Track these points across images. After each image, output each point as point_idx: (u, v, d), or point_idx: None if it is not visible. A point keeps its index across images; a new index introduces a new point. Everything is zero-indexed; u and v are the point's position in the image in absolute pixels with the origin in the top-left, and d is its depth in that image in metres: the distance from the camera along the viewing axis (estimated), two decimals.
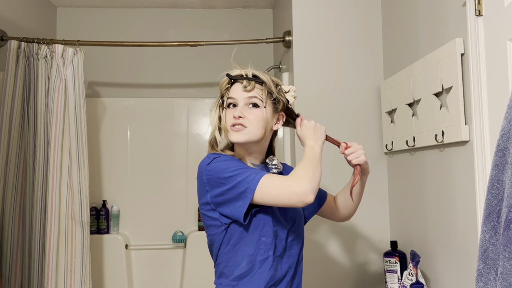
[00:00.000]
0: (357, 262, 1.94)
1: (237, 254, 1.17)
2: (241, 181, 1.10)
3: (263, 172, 1.13)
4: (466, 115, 1.31)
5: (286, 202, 1.07)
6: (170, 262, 2.65)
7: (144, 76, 2.81)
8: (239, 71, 1.23)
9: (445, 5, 1.42)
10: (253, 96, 1.19)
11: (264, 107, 1.19)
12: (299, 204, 1.07)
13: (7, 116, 2.04)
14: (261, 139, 1.21)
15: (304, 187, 1.06)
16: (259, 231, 1.16)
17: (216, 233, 1.19)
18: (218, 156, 1.18)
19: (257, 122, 1.18)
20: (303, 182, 1.07)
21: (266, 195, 1.08)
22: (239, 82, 1.21)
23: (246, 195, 1.09)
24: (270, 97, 1.21)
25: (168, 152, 2.74)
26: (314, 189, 1.07)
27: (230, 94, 1.22)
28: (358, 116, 1.99)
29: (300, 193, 1.06)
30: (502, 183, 0.85)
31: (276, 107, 1.23)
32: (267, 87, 1.21)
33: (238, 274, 1.16)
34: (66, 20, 2.80)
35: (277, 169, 1.27)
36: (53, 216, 2.04)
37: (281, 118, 1.27)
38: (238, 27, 2.87)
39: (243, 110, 1.18)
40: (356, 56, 2.01)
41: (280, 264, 1.20)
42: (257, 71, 1.23)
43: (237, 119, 1.18)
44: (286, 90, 1.26)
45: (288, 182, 1.08)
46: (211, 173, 1.14)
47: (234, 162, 1.16)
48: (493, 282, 0.87)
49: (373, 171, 1.96)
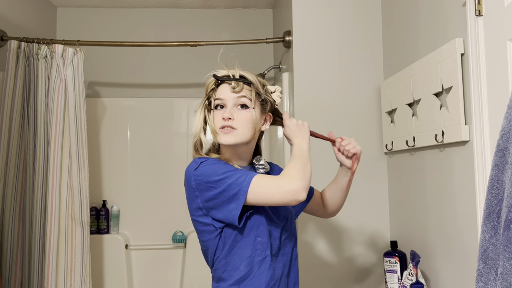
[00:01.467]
0: (357, 262, 1.94)
1: (235, 258, 1.16)
2: (232, 183, 1.09)
3: (253, 173, 1.12)
4: (466, 115, 1.31)
5: (279, 201, 1.08)
6: (170, 262, 2.65)
7: (144, 76, 2.81)
8: (225, 71, 1.21)
9: (445, 5, 1.42)
10: (242, 96, 1.17)
11: (253, 108, 1.18)
12: (292, 202, 1.07)
13: (7, 116, 2.04)
14: (251, 140, 1.20)
15: (297, 185, 1.07)
16: (254, 231, 1.15)
17: (210, 238, 1.17)
18: (205, 160, 1.16)
19: (247, 123, 1.17)
20: (294, 180, 1.07)
21: (259, 196, 1.08)
22: (226, 83, 1.20)
23: (238, 197, 1.08)
24: (258, 98, 1.20)
25: (168, 152, 2.74)
26: (306, 187, 1.08)
27: (218, 95, 1.20)
28: (358, 116, 1.99)
29: (293, 191, 1.06)
30: (502, 183, 0.85)
31: (264, 108, 1.23)
32: (255, 87, 1.19)
33: (237, 278, 1.15)
34: (66, 20, 2.80)
35: (264, 169, 1.26)
36: (53, 216, 2.04)
37: (268, 118, 1.26)
38: (238, 27, 2.87)
39: (232, 112, 1.17)
40: (356, 56, 2.01)
41: (277, 263, 1.20)
42: (244, 71, 1.21)
43: (227, 120, 1.16)
44: (272, 90, 1.25)
45: (280, 182, 1.08)
46: (200, 178, 1.12)
47: (221, 165, 1.14)
48: (493, 282, 0.87)
49: (373, 171, 1.96)
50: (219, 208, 1.12)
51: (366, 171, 1.95)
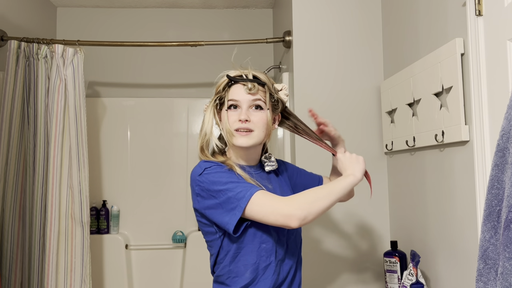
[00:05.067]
0: (357, 262, 1.94)
1: (239, 265, 1.14)
2: (232, 198, 1.07)
3: (255, 188, 1.09)
4: (466, 115, 1.31)
5: (273, 222, 1.05)
6: (170, 262, 2.65)
7: (144, 76, 2.81)
8: (238, 71, 1.20)
9: (445, 5, 1.42)
10: (258, 98, 1.17)
11: (268, 109, 1.18)
12: (284, 226, 1.04)
13: (7, 116, 2.04)
14: (264, 141, 1.20)
15: (292, 211, 1.02)
16: (259, 238, 1.14)
17: (213, 239, 1.17)
18: (209, 166, 1.14)
19: (262, 125, 1.17)
20: (294, 206, 1.04)
21: (255, 214, 1.06)
22: (240, 83, 1.18)
23: (235, 213, 1.07)
24: (271, 98, 1.20)
25: (168, 152, 2.74)
26: (303, 217, 1.02)
27: (231, 96, 1.18)
28: (358, 116, 1.99)
29: (286, 216, 1.02)
30: (502, 183, 0.85)
31: (276, 108, 1.22)
32: (268, 88, 1.19)
33: (242, 285, 1.14)
34: (66, 20, 2.80)
35: (272, 167, 1.26)
36: (53, 216, 2.04)
37: (277, 118, 1.26)
38: (238, 27, 2.87)
39: (248, 113, 1.16)
40: (356, 56, 2.01)
41: (282, 267, 1.19)
42: (256, 71, 1.20)
43: (244, 122, 1.15)
44: (278, 88, 1.25)
45: (278, 204, 1.05)
46: (203, 185, 1.12)
47: (225, 173, 1.13)
48: (493, 282, 0.87)
49: (373, 171, 1.96)
50: (216, 218, 1.11)
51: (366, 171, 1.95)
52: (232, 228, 1.07)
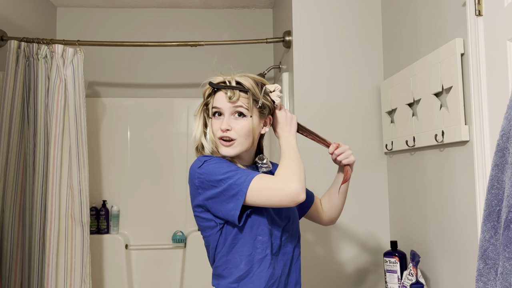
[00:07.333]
0: (357, 262, 1.94)
1: (235, 256, 1.16)
2: (232, 184, 1.09)
3: (254, 172, 1.12)
4: (466, 115, 1.31)
5: (278, 203, 1.08)
6: (170, 262, 2.65)
7: (144, 76, 2.81)
8: (221, 78, 1.20)
9: (445, 5, 1.42)
10: (239, 105, 1.16)
11: (251, 116, 1.17)
12: (291, 204, 1.07)
13: (7, 116, 2.04)
14: (250, 147, 1.21)
15: (295, 188, 1.06)
16: (255, 230, 1.16)
17: (211, 234, 1.18)
18: (209, 158, 1.17)
19: (244, 133, 1.17)
20: (293, 182, 1.07)
21: (258, 197, 1.08)
22: (222, 91, 1.18)
23: (238, 198, 1.09)
24: (256, 104, 1.18)
25: (168, 152, 2.74)
26: (304, 187, 1.08)
27: (215, 103, 1.19)
28: (358, 116, 1.99)
29: (292, 194, 1.06)
30: (502, 183, 0.85)
31: (263, 113, 1.21)
32: (252, 94, 1.17)
33: (237, 276, 1.16)
34: (66, 20, 2.80)
35: (266, 168, 1.27)
36: (53, 216, 2.04)
37: (268, 121, 1.25)
38: (238, 27, 2.87)
39: (229, 122, 1.17)
40: (356, 56, 2.01)
41: (276, 262, 1.20)
42: (241, 76, 1.19)
43: (224, 132, 1.16)
44: (271, 89, 1.23)
45: (278, 184, 1.08)
46: (203, 176, 1.13)
47: (225, 163, 1.15)
48: (493, 282, 0.87)
49: (373, 171, 1.96)
50: (219, 207, 1.13)
51: (366, 171, 1.95)
52: (237, 214, 1.09)
